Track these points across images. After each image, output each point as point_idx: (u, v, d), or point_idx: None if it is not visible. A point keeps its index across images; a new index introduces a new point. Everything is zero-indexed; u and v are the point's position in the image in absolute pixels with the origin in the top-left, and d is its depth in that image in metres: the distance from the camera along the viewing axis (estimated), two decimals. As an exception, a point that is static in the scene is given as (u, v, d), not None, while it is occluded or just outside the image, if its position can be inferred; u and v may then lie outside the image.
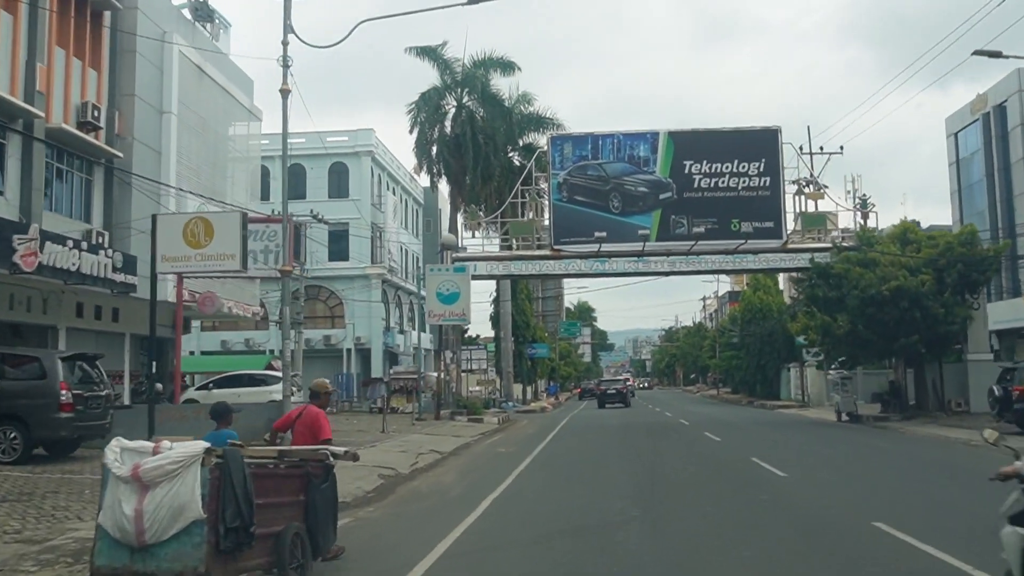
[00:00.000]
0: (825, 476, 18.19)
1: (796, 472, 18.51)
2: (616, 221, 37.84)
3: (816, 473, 18.80)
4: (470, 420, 36.96)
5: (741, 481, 17.16)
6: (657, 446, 25.76)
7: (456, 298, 36.70)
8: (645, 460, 21.75)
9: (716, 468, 19.89)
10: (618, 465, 20.65)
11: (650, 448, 25.06)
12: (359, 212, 59.07)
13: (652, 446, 25.82)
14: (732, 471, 19.15)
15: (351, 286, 59.04)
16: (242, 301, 38.68)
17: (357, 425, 32.10)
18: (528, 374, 63.91)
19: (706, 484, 17.06)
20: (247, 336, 58.95)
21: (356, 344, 58.66)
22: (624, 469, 19.75)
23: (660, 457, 22.45)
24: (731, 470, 19.41)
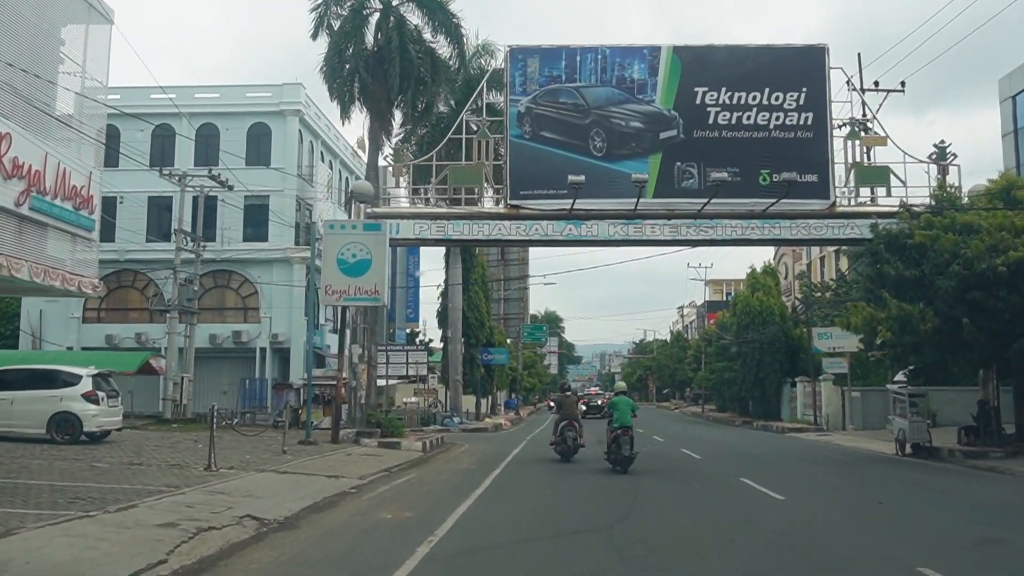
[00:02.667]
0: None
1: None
2: (599, 168, 25.97)
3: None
4: (381, 445, 24.83)
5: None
6: (676, 517, 13.80)
7: (365, 268, 24.59)
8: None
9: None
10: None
11: (670, 522, 13.09)
12: (282, 184, 46.99)
13: (669, 516, 13.86)
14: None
15: (268, 272, 46.78)
16: (57, 267, 26.13)
17: (197, 453, 19.99)
18: (482, 384, 51.69)
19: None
20: (138, 330, 46.35)
21: (273, 342, 46.38)
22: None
23: (699, 555, 10.45)
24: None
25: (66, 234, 26.46)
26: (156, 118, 48.27)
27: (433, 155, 26.58)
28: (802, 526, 12.68)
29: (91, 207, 27.55)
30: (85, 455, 18.43)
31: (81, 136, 27.61)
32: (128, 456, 18.64)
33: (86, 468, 16.32)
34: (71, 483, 14.12)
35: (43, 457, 17.77)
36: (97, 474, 15.51)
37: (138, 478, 15.21)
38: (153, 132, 48.48)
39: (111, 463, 17.27)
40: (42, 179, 25.03)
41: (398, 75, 28.65)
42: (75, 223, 26.86)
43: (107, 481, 14.59)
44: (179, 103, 47.67)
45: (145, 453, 19.52)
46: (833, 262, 61.22)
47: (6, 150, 23.45)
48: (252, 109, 47.93)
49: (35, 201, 24.98)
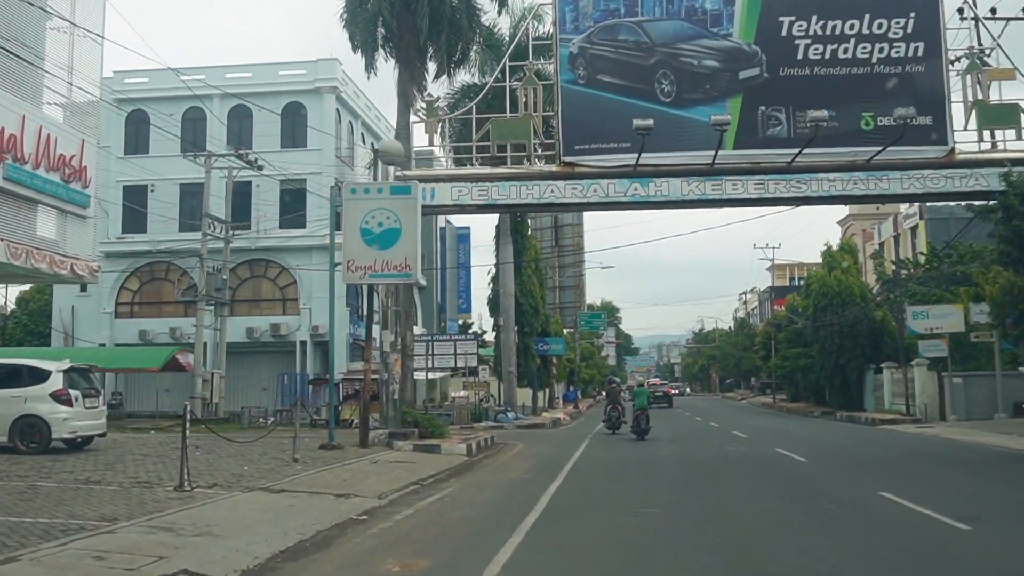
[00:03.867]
0: None
1: None
2: (667, 116, 21.44)
3: None
4: (418, 448, 20.61)
5: None
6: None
7: (394, 238, 20.34)
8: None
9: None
10: None
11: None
12: (320, 167, 43.09)
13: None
14: None
15: (307, 260, 42.92)
16: (44, 248, 22.34)
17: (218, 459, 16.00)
18: (538, 376, 47.26)
19: None
20: (172, 325, 42.79)
21: (313, 335, 42.50)
22: None
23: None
24: None
25: (54, 210, 22.74)
26: (186, 100, 44.78)
27: (472, 107, 22.24)
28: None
29: (84, 180, 23.57)
30: (39, 470, 14.48)
31: (71, 102, 23.85)
32: (92, 470, 14.64)
33: (23, 489, 12.33)
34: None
35: (-16, 474, 13.92)
36: (26, 499, 11.49)
37: (76, 504, 11.15)
38: (183, 115, 44.96)
39: (61, 481, 13.27)
40: (18, 145, 21.18)
41: (427, 15, 24.27)
42: (64, 198, 22.86)
43: (26, 512, 10.55)
44: (209, 83, 44.06)
45: (119, 466, 15.51)
46: (909, 239, 55.77)
47: (-29, 110, 19.66)
48: (286, 88, 44.12)
49: (10, 170, 21.18)
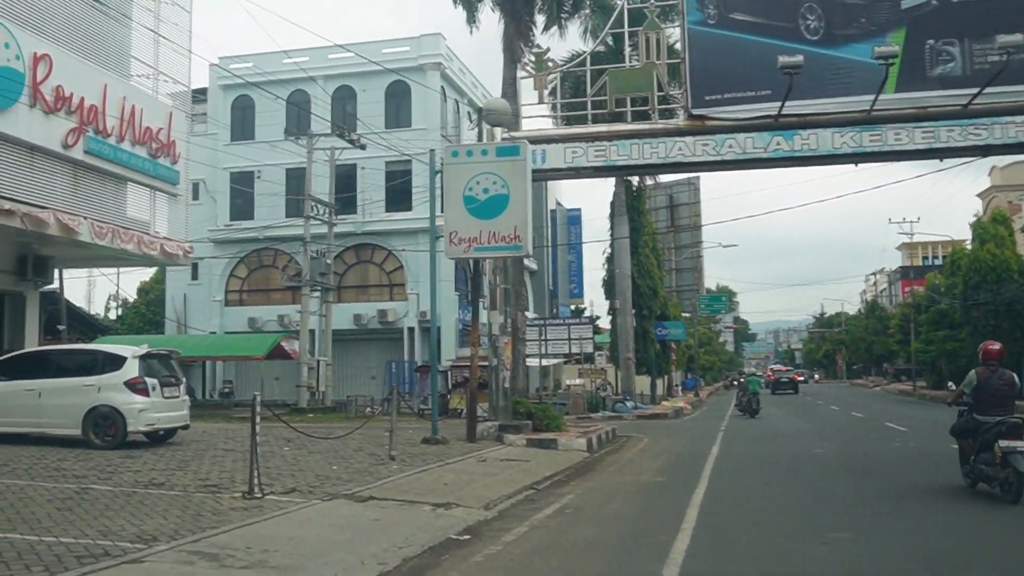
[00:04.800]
0: None
1: None
2: (814, 57, 18.24)
3: None
4: (531, 443, 18.12)
5: None
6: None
7: (501, 206, 17.86)
8: None
9: None
10: None
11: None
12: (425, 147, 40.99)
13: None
14: None
15: (414, 243, 41.00)
16: (131, 227, 20.82)
17: (269, 462, 13.97)
18: (657, 362, 44.23)
19: None
20: (281, 312, 41.52)
21: (421, 321, 40.52)
22: None
23: None
24: None
25: (142, 188, 21.13)
26: (290, 84, 43.41)
27: (587, 57, 19.57)
28: None
29: (173, 155, 21.86)
30: (103, 469, 12.54)
31: (158, 74, 22.21)
32: (161, 470, 12.62)
33: (70, 494, 10.33)
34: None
35: (39, 469, 12.02)
36: (66, 507, 9.45)
37: (119, 516, 9.04)
38: (288, 99, 43.51)
39: (119, 484, 11.25)
40: (100, 116, 19.51)
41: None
42: (152, 173, 21.16)
43: (55, 526, 8.50)
44: (312, 66, 42.61)
45: (193, 464, 13.48)
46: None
47: (45, 76, 18.03)
48: (389, 66, 42.16)
49: (91, 143, 19.56)
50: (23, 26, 17.31)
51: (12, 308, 20.51)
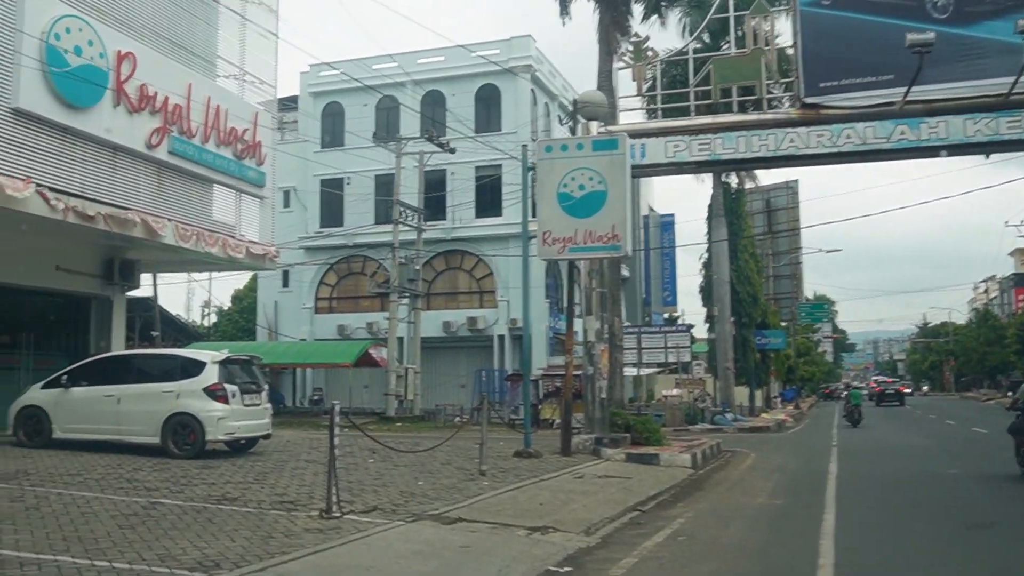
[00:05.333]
0: None
1: None
2: (944, 37, 16.49)
3: None
4: (631, 458, 16.83)
5: None
6: None
7: (598, 203, 16.69)
8: None
9: None
10: None
11: None
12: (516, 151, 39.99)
13: None
14: None
15: (504, 250, 40.06)
16: (216, 230, 20.29)
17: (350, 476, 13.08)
18: (756, 372, 42.30)
19: None
20: (369, 319, 41.02)
21: (512, 328, 39.54)
22: None
23: None
24: None
25: (226, 189, 20.59)
26: (379, 90, 42.99)
27: (688, 46, 18.25)
28: None
29: (259, 156, 21.27)
30: (177, 480, 11.77)
31: (244, 73, 21.68)
32: (236, 483, 11.78)
33: (137, 509, 9.53)
34: (48, 554, 7.32)
35: (111, 479, 11.29)
36: (129, 525, 8.62)
37: (184, 536, 8.17)
38: (377, 105, 43.24)
39: (191, 498, 10.41)
40: (184, 116, 19.01)
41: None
42: (237, 175, 20.59)
43: (113, 546, 7.66)
44: (402, 71, 42.15)
45: (272, 477, 12.62)
46: None
47: (129, 74, 17.57)
48: (479, 70, 41.38)
49: (176, 143, 19.06)
50: (107, 23, 16.87)
51: (99, 312, 20.17)
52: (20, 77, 14.95)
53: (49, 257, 18.51)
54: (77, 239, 18.26)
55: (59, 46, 15.55)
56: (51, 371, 15.82)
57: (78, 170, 16.31)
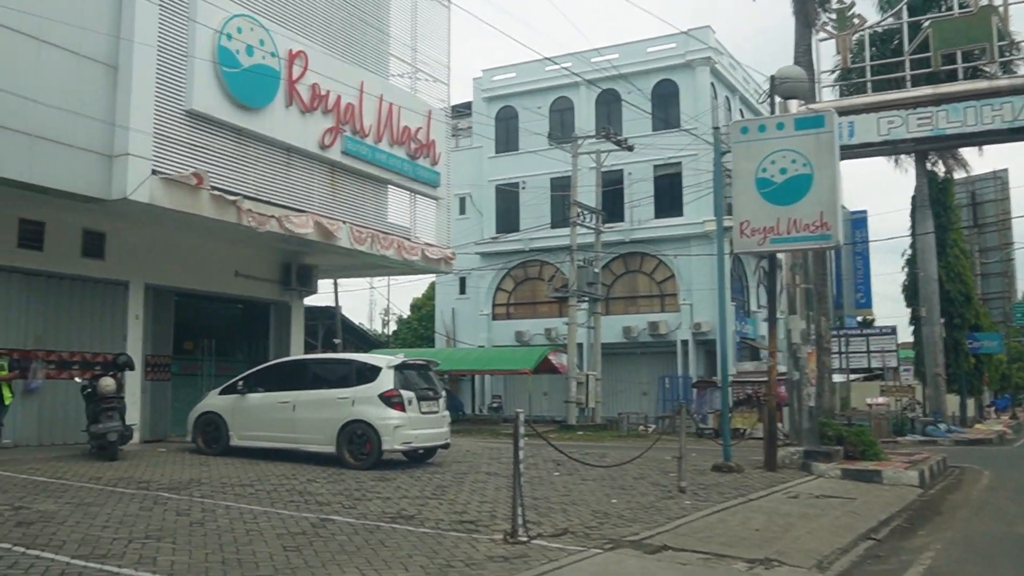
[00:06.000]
0: None
1: None
2: None
3: None
4: (847, 475, 14.81)
5: None
6: None
7: (803, 188, 14.85)
8: None
9: None
10: None
11: None
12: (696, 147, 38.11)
13: None
14: None
15: (685, 251, 38.18)
16: (392, 232, 19.69)
17: (536, 492, 11.82)
18: (968, 379, 38.44)
19: None
20: (548, 325, 40.04)
21: (696, 333, 37.64)
22: None
23: None
24: None
25: (401, 190, 19.94)
26: (553, 92, 42.19)
27: (902, 6, 16.08)
28: None
29: (433, 156, 20.52)
30: (351, 494, 10.88)
31: (416, 71, 21.01)
32: (413, 498, 10.77)
33: (305, 528, 8.62)
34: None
35: (282, 492, 10.52)
36: (295, 547, 7.69)
37: (352, 562, 7.14)
38: (551, 107, 42.34)
39: (363, 515, 9.44)
40: (356, 115, 18.41)
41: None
42: (411, 175, 19.89)
43: (282, 569, 6.74)
44: (575, 71, 41.05)
45: (451, 491, 11.56)
46: None
47: (301, 73, 17.10)
48: (655, 65, 39.78)
49: (348, 143, 18.50)
50: (278, 22, 16.47)
51: (277, 317, 19.95)
52: (193, 79, 14.70)
53: (228, 263, 18.38)
54: (254, 244, 18.04)
55: (231, 46, 15.23)
56: (231, 377, 15.46)
57: (253, 172, 15.96)
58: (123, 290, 16.26)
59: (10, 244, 14.39)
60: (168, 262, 17.05)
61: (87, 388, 13.74)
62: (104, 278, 15.94)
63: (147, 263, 16.63)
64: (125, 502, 9.64)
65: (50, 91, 12.75)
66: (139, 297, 16.49)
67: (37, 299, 14.92)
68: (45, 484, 10.76)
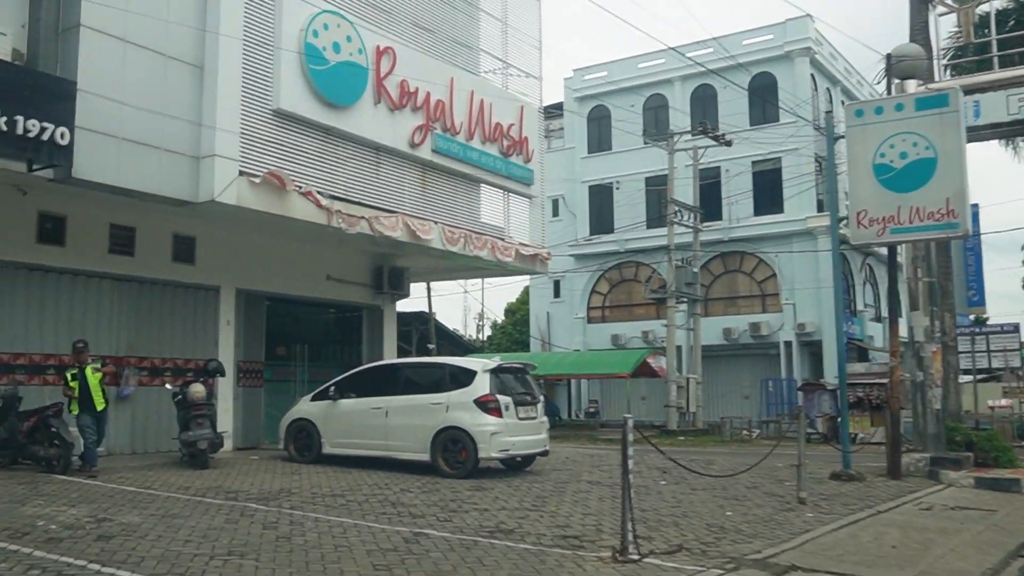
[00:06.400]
0: None
1: None
2: None
3: None
4: (980, 484, 13.55)
5: None
6: None
7: (926, 174, 13.67)
8: None
9: None
10: None
11: None
12: (796, 141, 36.64)
13: None
14: None
15: (787, 248, 36.69)
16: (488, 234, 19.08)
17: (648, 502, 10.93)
18: (1098, 380, 35.73)
19: None
20: (645, 328, 38.98)
21: (799, 334, 36.10)
22: None
23: None
24: None
25: (493, 189, 19.32)
26: (646, 89, 41.16)
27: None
28: None
29: (526, 153, 19.82)
30: (446, 505, 10.24)
31: (507, 66, 20.38)
32: (512, 510, 10.05)
33: (397, 543, 7.99)
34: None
35: (375, 503, 9.93)
36: (387, 566, 7.05)
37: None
38: (644, 105, 41.29)
39: (459, 528, 8.76)
40: (446, 112, 17.88)
41: None
42: (504, 173, 19.16)
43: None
44: (668, 68, 40.05)
45: (552, 502, 10.80)
46: None
47: (389, 70, 16.62)
48: (752, 58, 38.31)
49: (439, 141, 17.95)
50: (364, 19, 16.03)
51: (370, 322, 19.54)
52: (280, 77, 14.33)
53: (320, 267, 18.05)
54: (345, 247, 17.67)
55: (317, 43, 14.84)
56: (324, 383, 15.04)
57: (341, 172, 15.54)
58: (214, 295, 16.03)
59: (101, 250, 14.24)
60: (259, 266, 16.77)
61: (178, 395, 13.48)
62: (195, 283, 15.72)
63: (238, 267, 16.37)
64: (211, 514, 9.18)
65: (137, 93, 12.52)
66: (230, 302, 16.23)
67: (128, 305, 14.75)
68: (132, 494, 10.41)
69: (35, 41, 12.02)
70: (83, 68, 11.89)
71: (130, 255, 14.65)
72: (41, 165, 11.51)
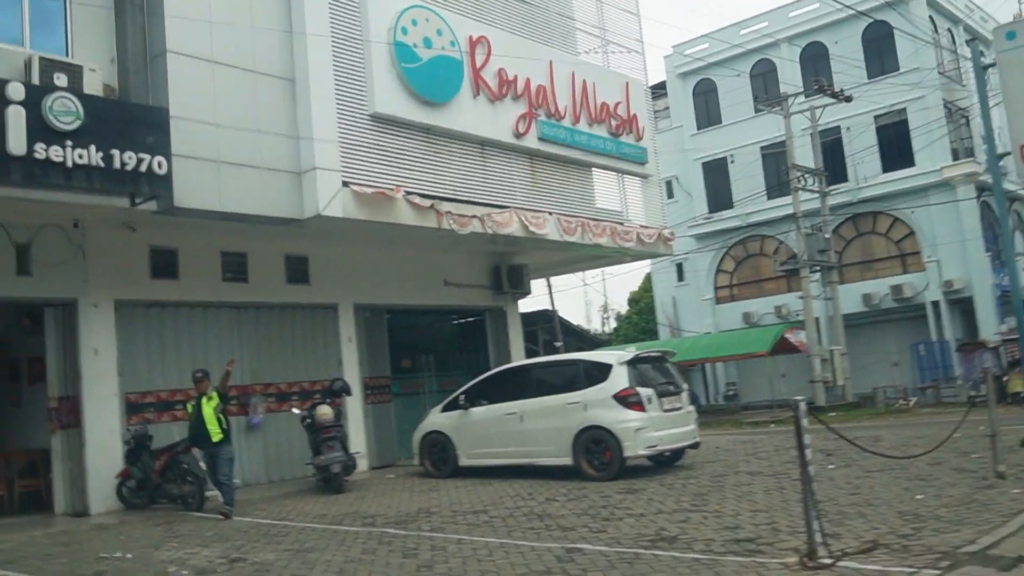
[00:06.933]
0: None
1: None
2: None
3: None
4: None
5: None
6: None
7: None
8: None
9: None
10: None
11: None
12: (920, 89, 34.22)
13: None
14: None
15: (924, 201, 34.27)
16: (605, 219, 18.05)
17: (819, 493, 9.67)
18: None
19: None
20: (777, 303, 37.10)
21: (947, 292, 33.64)
22: None
23: None
24: None
25: (606, 172, 18.29)
26: (751, 56, 39.23)
27: None
28: None
29: (637, 131, 18.66)
30: (598, 511, 9.32)
31: (606, 43, 19.33)
32: (670, 512, 9.04)
33: (549, 562, 7.10)
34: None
35: (519, 516, 9.10)
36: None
37: None
38: (751, 72, 39.41)
39: (616, 539, 7.82)
40: (549, 97, 16.92)
41: None
42: (615, 154, 18.01)
43: None
44: (773, 30, 38.15)
45: (712, 498, 9.74)
46: None
47: (484, 60, 15.82)
48: (863, 7, 35.93)
49: (545, 128, 17.01)
50: (453, 9, 15.28)
51: (494, 324, 18.82)
52: (373, 80, 13.69)
53: (436, 273, 17.42)
54: (459, 249, 17.00)
55: (407, 40, 14.17)
56: (454, 392, 14.33)
57: (447, 171, 14.81)
58: (332, 313, 15.56)
59: (215, 278, 13.92)
60: (374, 280, 16.24)
61: (306, 419, 13.00)
62: (312, 303, 15.29)
63: (353, 283, 15.87)
64: (347, 544, 8.51)
65: (230, 114, 12.09)
66: (349, 319, 15.74)
67: (248, 332, 14.40)
68: (267, 528, 9.88)
69: (124, 73, 11.70)
70: (174, 94, 11.51)
71: (244, 281, 14.29)
72: (143, 198, 11.17)
